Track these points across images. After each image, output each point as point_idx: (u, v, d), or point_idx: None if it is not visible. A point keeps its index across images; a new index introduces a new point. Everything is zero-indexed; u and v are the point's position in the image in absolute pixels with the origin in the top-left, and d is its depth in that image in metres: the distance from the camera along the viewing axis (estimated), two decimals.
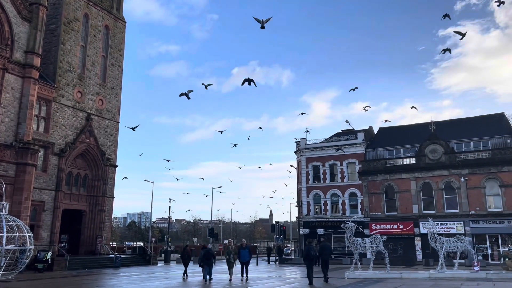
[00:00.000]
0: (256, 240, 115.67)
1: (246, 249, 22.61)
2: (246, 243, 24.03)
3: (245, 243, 23.61)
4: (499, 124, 44.81)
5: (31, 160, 31.20)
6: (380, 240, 24.82)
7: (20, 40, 33.24)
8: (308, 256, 19.78)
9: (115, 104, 44.37)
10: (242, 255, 22.21)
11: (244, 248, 22.57)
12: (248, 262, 22.51)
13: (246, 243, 24.03)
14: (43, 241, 34.80)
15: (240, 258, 22.18)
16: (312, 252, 19.86)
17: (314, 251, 20.13)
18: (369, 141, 49.37)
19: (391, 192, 44.58)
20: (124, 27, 46.88)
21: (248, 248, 22.85)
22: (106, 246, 41.08)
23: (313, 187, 49.18)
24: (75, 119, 39.56)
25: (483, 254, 38.96)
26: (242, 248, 22.69)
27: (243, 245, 23.10)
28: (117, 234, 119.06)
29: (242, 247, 22.78)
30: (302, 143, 51.32)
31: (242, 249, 22.56)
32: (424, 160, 43.13)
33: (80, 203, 40.18)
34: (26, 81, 32.83)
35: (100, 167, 41.36)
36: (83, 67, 41.25)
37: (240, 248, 22.94)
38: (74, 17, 40.64)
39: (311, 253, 19.79)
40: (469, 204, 40.45)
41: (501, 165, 39.73)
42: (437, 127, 44.63)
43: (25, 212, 30.14)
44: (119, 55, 45.67)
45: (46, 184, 36.02)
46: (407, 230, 42.39)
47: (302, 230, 48.63)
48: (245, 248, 22.62)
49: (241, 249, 22.59)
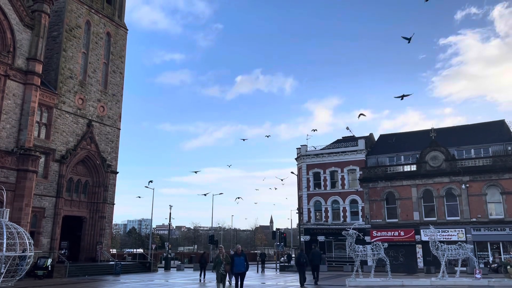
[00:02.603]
0: (257, 247, 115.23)
1: (242, 256, 17.65)
2: (242, 249, 18.92)
3: (240, 249, 18.29)
4: (500, 131, 44.84)
5: (32, 167, 31.20)
6: (381, 248, 24.73)
7: (22, 47, 33.40)
8: (298, 262, 23.46)
9: (116, 110, 44.47)
10: (236, 264, 17.35)
11: (239, 256, 17.62)
12: (245, 273, 17.69)
13: (242, 249, 18.92)
14: (43, 247, 34.71)
15: (234, 269, 17.38)
16: (302, 259, 23.32)
17: (304, 258, 23.48)
18: (369, 148, 49.40)
19: (392, 199, 44.52)
20: (126, 34, 47.10)
21: (244, 255, 17.90)
22: (106, 253, 40.95)
23: (314, 194, 49.13)
24: (76, 125, 39.63)
25: (484, 261, 38.80)
26: (237, 255, 17.73)
27: (237, 252, 18.00)
28: (117, 241, 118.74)
29: (236, 254, 17.84)
30: (303, 149, 51.34)
31: (236, 256, 17.66)
32: (425, 167, 43.12)
33: (80, 210, 40.12)
34: (27, 88, 32.92)
35: (101, 174, 41.36)
36: (84, 74, 41.40)
37: (234, 255, 17.98)
38: (76, 24, 40.87)
39: (301, 260, 23.29)
40: (470, 211, 40.37)
41: (502, 172, 39.71)
42: (438, 134, 44.67)
43: (25, 218, 30.08)
44: (121, 62, 45.85)
45: (46, 191, 36.01)
46: (408, 237, 42.27)
47: (303, 237, 48.50)
48: (240, 256, 17.64)
49: (236, 256, 17.69)
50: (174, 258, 60.45)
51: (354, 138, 51.51)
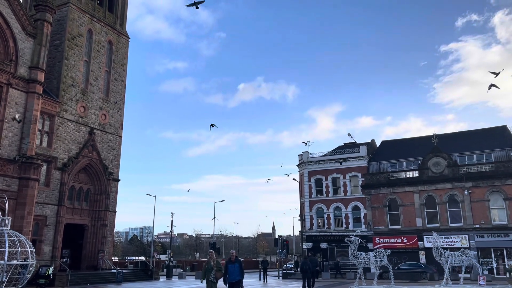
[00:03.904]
0: (259, 255, 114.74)
1: (236, 263, 15.72)
2: (236, 256, 16.69)
3: (234, 255, 16.13)
4: (502, 137, 44.71)
5: (34, 175, 31.21)
6: (384, 254, 24.62)
7: (25, 55, 33.57)
8: (302, 269, 24.73)
9: (118, 118, 44.54)
10: (230, 272, 15.45)
11: (233, 263, 15.70)
12: (240, 282, 15.92)
13: (236, 256, 16.69)
14: (45, 256, 34.59)
15: (228, 278, 15.44)
16: (305, 266, 24.32)
17: (307, 265, 24.36)
18: (371, 154, 49.27)
19: (394, 205, 44.33)
20: (127, 42, 47.31)
21: (239, 262, 15.94)
22: (108, 261, 40.80)
23: (316, 201, 48.95)
24: (78, 133, 39.68)
25: (488, 268, 38.52)
26: (231, 262, 15.80)
27: (231, 258, 15.96)
28: (119, 248, 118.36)
29: (230, 261, 15.88)
30: (304, 156, 51.19)
31: (230, 263, 15.73)
32: (427, 173, 42.97)
33: (82, 218, 40.05)
34: (30, 96, 33.03)
35: (103, 181, 41.33)
36: (86, 82, 41.54)
37: (227, 262, 16.04)
38: (78, 32, 41.08)
39: (304, 267, 24.29)
40: (473, 218, 40.14)
41: (505, 178, 39.52)
42: (440, 140, 44.56)
43: (27, 227, 30.02)
44: (122, 70, 46.01)
45: (48, 199, 35.99)
46: (411, 244, 42.02)
47: (305, 244, 48.24)
48: (235, 263, 15.71)
49: (229, 263, 15.76)
50: (176, 266, 60.17)
51: (356, 144, 51.41)
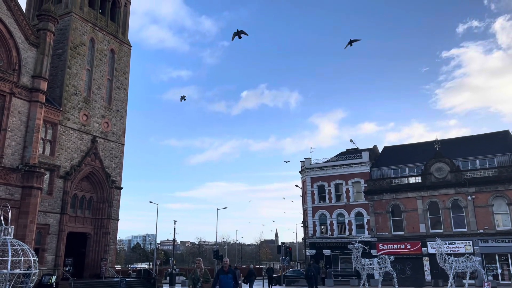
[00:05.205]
0: (262, 262, 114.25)
1: (230, 274, 13.28)
2: (230, 265, 14.37)
3: (227, 264, 13.56)
4: (505, 141, 44.59)
5: (36, 183, 31.25)
6: (387, 261, 24.53)
7: (28, 65, 33.78)
8: (307, 275, 27.24)
9: (120, 126, 44.66)
10: (223, 284, 13.07)
11: (226, 273, 13.26)
12: None
13: (230, 265, 14.37)
14: (47, 264, 34.55)
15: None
16: (310, 272, 26.81)
17: (312, 272, 26.78)
18: (374, 160, 49.19)
19: (397, 211, 44.15)
20: (130, 51, 47.56)
21: (232, 272, 13.54)
22: (111, 269, 40.69)
23: (318, 207, 48.81)
24: (81, 141, 39.79)
25: (493, 274, 38.25)
26: (223, 272, 13.31)
27: (224, 268, 13.44)
28: (122, 256, 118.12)
29: (223, 271, 13.37)
30: (306, 162, 51.12)
31: (222, 273, 13.28)
32: (430, 179, 42.83)
33: (85, 226, 40.01)
34: (32, 105, 33.19)
35: (105, 190, 41.34)
36: (88, 91, 41.71)
37: (219, 272, 13.51)
38: (80, 41, 41.35)
39: (309, 273, 26.73)
40: (477, 223, 39.92)
41: (508, 183, 39.35)
42: (442, 145, 44.45)
43: (30, 235, 30.02)
44: (125, 78, 46.22)
45: (51, 207, 36.00)
46: (415, 250, 41.78)
47: (309, 251, 48.04)
48: (228, 273, 13.27)
49: (221, 273, 13.30)
50: (179, 273, 59.96)
51: (358, 150, 51.35)
